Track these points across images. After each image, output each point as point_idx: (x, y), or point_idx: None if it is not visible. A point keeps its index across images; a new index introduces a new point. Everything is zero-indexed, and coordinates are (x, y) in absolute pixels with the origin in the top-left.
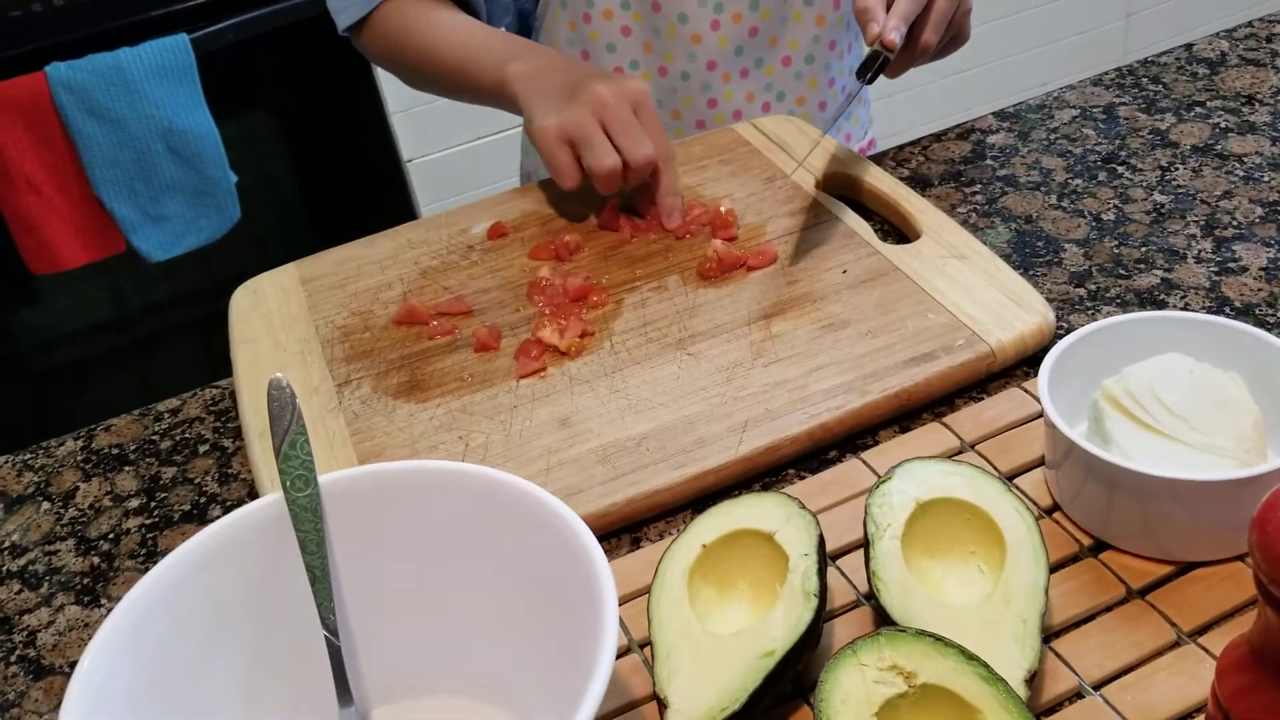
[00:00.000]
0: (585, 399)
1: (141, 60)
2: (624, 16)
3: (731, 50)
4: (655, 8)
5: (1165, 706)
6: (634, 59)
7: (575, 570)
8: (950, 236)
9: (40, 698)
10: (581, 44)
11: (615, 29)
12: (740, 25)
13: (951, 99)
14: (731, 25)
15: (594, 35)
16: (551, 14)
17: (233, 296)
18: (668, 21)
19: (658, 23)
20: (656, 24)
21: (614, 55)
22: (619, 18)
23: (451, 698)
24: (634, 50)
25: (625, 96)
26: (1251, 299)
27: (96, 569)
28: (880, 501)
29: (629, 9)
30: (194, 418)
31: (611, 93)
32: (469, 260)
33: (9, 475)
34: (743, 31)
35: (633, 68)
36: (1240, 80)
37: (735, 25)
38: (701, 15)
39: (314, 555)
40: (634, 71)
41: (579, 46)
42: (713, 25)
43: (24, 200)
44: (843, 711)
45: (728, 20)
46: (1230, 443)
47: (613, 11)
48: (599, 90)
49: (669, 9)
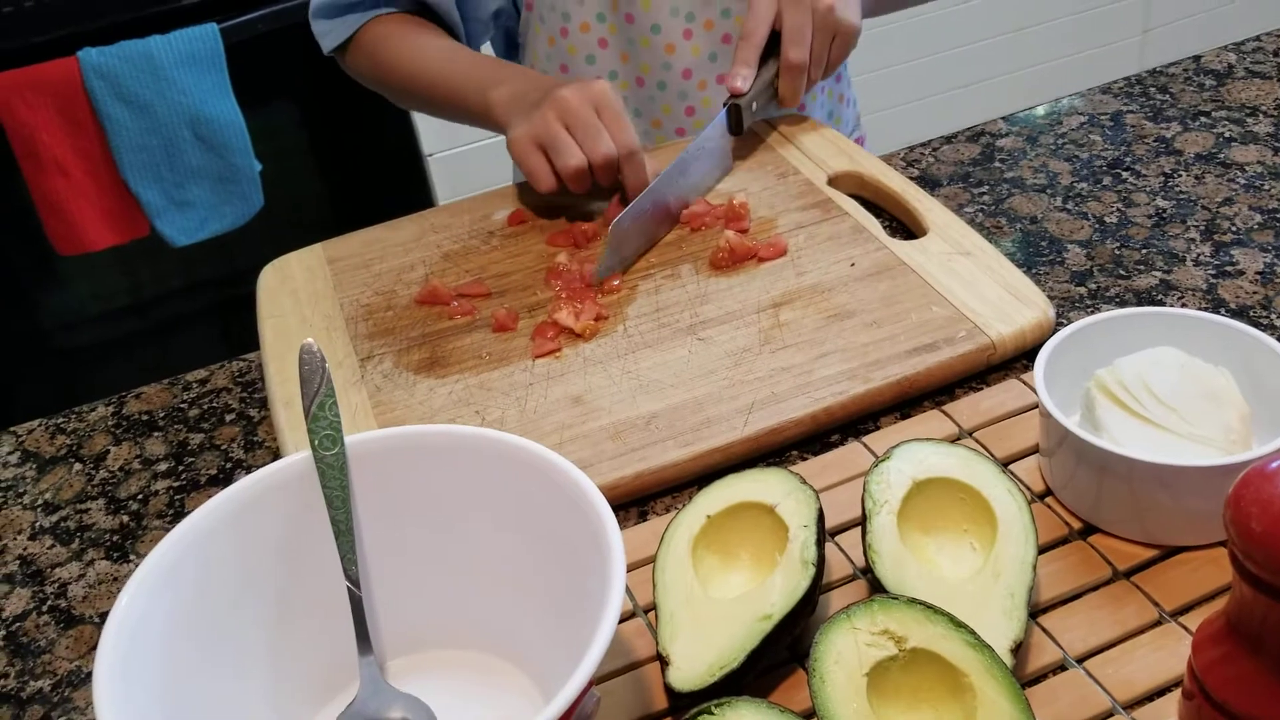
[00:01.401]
0: (598, 379)
1: (171, 48)
2: (600, 29)
3: (706, 58)
4: (629, 19)
5: (1144, 680)
6: (612, 70)
7: (584, 528)
8: (956, 234)
9: (70, 645)
10: (561, 57)
11: (593, 41)
12: (713, 33)
13: (967, 110)
14: (704, 34)
15: (572, 49)
16: (532, 30)
17: (261, 273)
18: (641, 32)
19: (632, 34)
20: (631, 35)
21: (593, 67)
22: (595, 30)
23: (464, 652)
24: (612, 61)
25: (587, 98)
26: (1246, 301)
27: (125, 527)
28: (879, 479)
29: (605, 21)
30: (221, 388)
31: (574, 95)
32: (489, 245)
33: (42, 438)
34: (715, 39)
35: (611, 78)
36: (1246, 92)
37: (708, 33)
38: (674, 25)
39: (339, 510)
40: (613, 82)
41: (558, 60)
42: (685, 34)
43: (53, 182)
44: (835, 671)
45: (700, 29)
46: (1217, 434)
47: (589, 24)
48: (561, 94)
49: (642, 20)
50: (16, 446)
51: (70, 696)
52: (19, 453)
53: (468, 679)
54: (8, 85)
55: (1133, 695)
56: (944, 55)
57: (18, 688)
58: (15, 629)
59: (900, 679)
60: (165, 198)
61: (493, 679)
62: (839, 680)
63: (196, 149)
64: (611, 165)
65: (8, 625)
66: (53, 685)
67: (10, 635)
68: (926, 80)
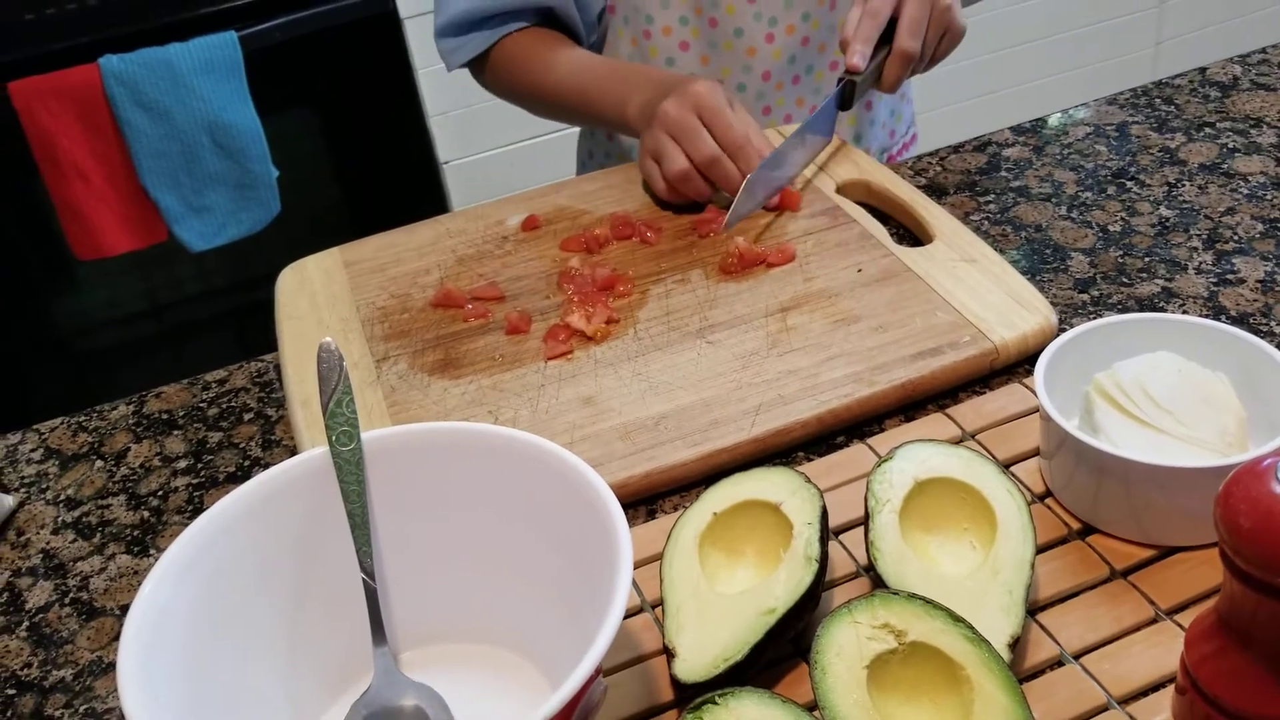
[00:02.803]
0: (609, 380)
1: (191, 55)
2: (682, 32)
3: (786, 60)
4: (712, 23)
5: (1140, 675)
6: (692, 72)
7: (595, 524)
8: (962, 241)
9: (92, 636)
10: (642, 59)
11: (674, 44)
12: (793, 36)
13: (978, 121)
14: (785, 37)
15: (654, 50)
16: (614, 31)
17: (279, 276)
18: (724, 36)
19: (715, 37)
20: (714, 39)
21: (673, 69)
22: (677, 33)
23: (476, 645)
24: (692, 64)
25: (688, 105)
26: (1247, 309)
27: (146, 522)
28: (881, 478)
29: (687, 25)
30: (239, 388)
31: (673, 106)
32: (503, 250)
33: (64, 435)
34: (795, 42)
35: None
36: (1250, 104)
37: (789, 36)
38: (757, 29)
39: (355, 504)
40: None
41: (640, 61)
42: (767, 38)
43: (73, 187)
44: (836, 663)
45: (781, 32)
46: (1213, 437)
47: (671, 28)
48: (663, 109)
49: (726, 24)
50: (39, 443)
51: (91, 685)
52: (42, 449)
53: (479, 671)
54: (29, 91)
55: (1128, 690)
56: (955, 67)
57: (40, 677)
58: (38, 620)
59: (900, 672)
60: (183, 203)
61: (504, 672)
62: (840, 672)
63: (215, 155)
64: (717, 163)
65: (31, 616)
66: (74, 675)
67: (34, 626)
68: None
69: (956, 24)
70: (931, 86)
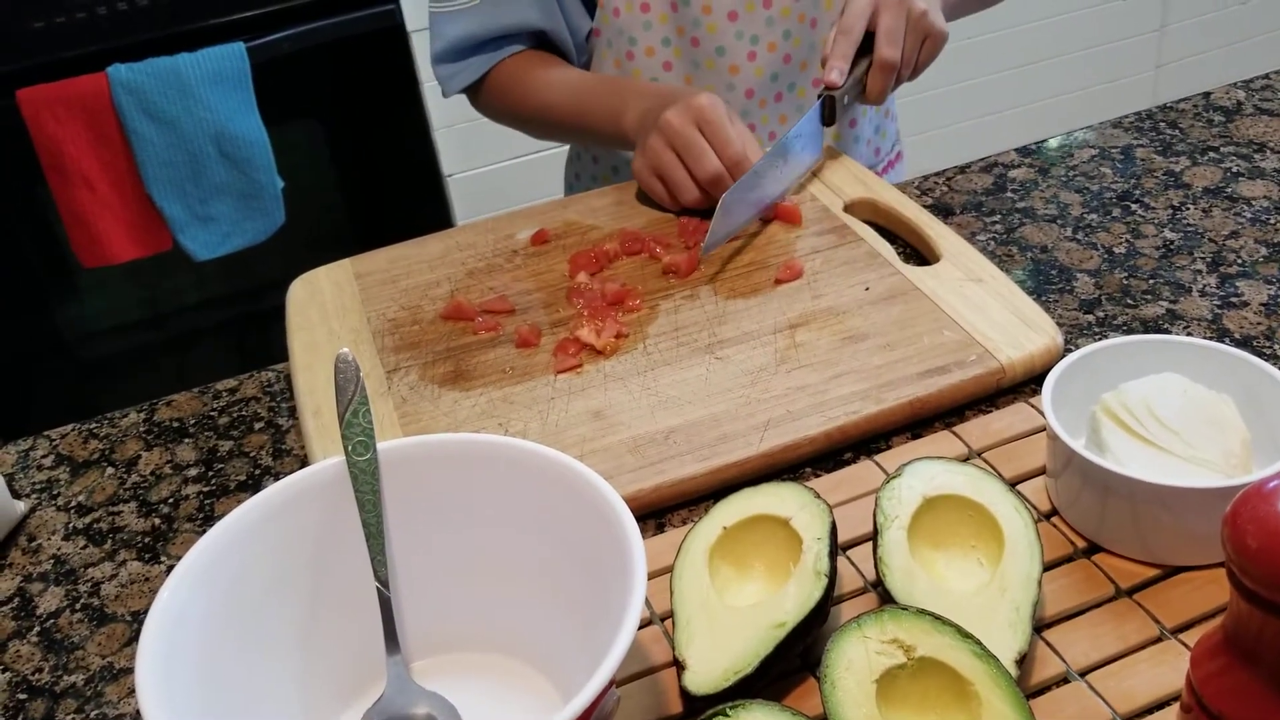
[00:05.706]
0: (618, 394)
1: (199, 66)
2: (665, 53)
3: (768, 78)
4: (695, 43)
5: (1144, 693)
6: None
7: (608, 536)
8: (968, 261)
9: (103, 641)
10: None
11: (657, 65)
12: (775, 54)
13: (978, 142)
14: (767, 55)
15: (637, 72)
16: (598, 54)
17: (290, 287)
18: (706, 55)
19: (697, 57)
20: (696, 58)
21: None
22: (660, 54)
23: (488, 655)
24: (675, 83)
25: (690, 117)
26: (1250, 331)
27: (157, 529)
28: (890, 495)
29: (670, 45)
30: (250, 397)
31: (676, 117)
32: (513, 264)
33: (75, 442)
34: (777, 59)
35: None
36: (1254, 128)
37: (770, 54)
38: (739, 48)
39: (370, 514)
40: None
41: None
42: (749, 56)
43: (79, 195)
44: (846, 678)
45: (763, 50)
46: (1218, 458)
47: (654, 49)
48: (665, 119)
49: (707, 44)
50: (50, 450)
51: (102, 691)
52: (53, 456)
53: (491, 681)
54: (37, 99)
55: (1133, 708)
56: (958, 86)
57: (51, 682)
58: (49, 625)
59: (908, 686)
60: (189, 212)
61: (516, 682)
62: (849, 686)
63: (221, 165)
64: (720, 180)
65: (42, 622)
66: (85, 680)
67: (44, 632)
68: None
69: (936, 28)
70: (930, 108)
